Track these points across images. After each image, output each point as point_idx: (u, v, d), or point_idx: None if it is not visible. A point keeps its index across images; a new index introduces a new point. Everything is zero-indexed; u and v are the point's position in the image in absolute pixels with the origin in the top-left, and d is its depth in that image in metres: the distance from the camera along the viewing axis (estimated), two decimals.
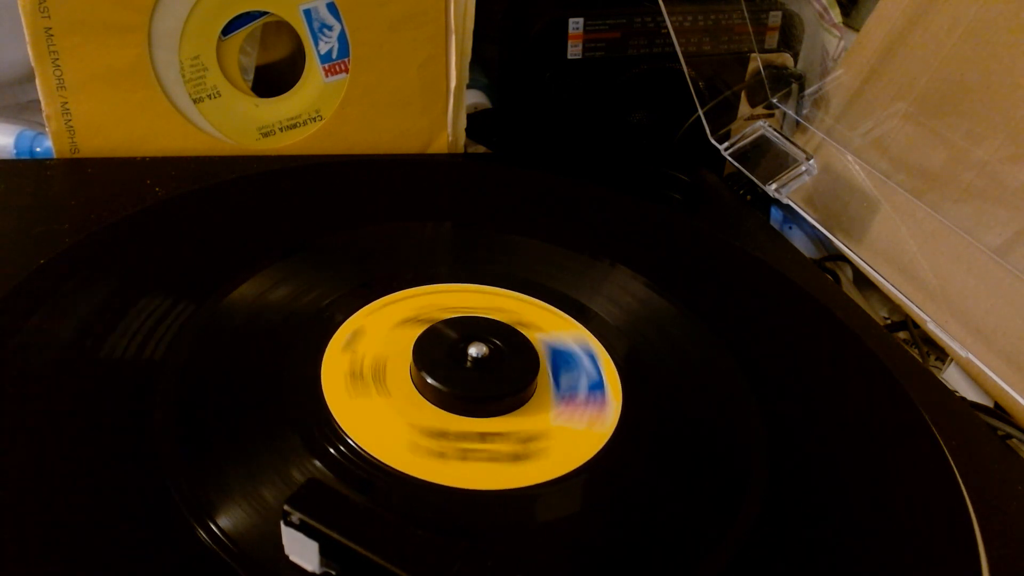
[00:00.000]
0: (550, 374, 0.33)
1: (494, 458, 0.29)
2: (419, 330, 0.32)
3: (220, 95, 0.46)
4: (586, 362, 0.34)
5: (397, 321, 0.34)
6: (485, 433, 0.30)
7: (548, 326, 0.35)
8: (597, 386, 0.32)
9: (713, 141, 0.51)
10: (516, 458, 0.29)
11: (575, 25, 0.52)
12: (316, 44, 0.47)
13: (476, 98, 0.57)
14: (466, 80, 0.49)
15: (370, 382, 0.31)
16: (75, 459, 0.26)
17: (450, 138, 0.50)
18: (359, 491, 0.27)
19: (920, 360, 0.44)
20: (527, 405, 0.31)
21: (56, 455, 0.26)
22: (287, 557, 0.23)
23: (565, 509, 0.28)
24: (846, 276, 0.53)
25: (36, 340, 0.30)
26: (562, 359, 0.33)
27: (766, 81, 0.53)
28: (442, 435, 0.29)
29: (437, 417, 0.30)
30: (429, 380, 0.30)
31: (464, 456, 0.29)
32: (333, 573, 0.23)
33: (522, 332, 0.33)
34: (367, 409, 0.30)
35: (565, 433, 0.30)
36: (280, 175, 0.44)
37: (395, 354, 0.32)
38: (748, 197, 0.54)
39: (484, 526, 0.27)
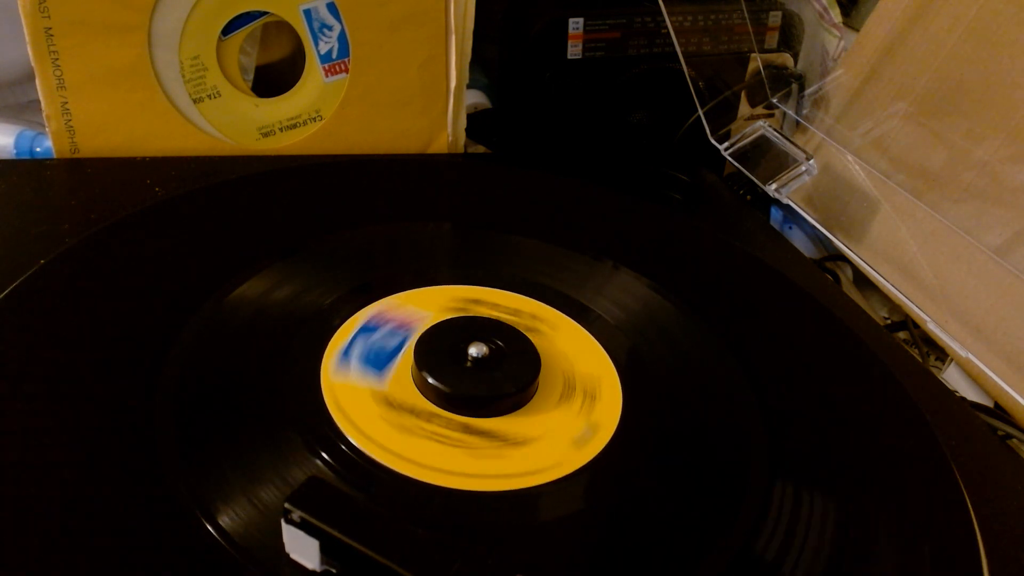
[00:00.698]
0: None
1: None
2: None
3: (220, 95, 0.46)
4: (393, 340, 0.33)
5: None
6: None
7: (575, 349, 0.35)
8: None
9: (713, 141, 0.51)
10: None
11: (575, 25, 0.52)
12: (316, 44, 0.47)
13: (476, 98, 0.57)
14: (466, 80, 0.49)
15: None
16: (75, 459, 0.26)
17: (450, 138, 0.50)
18: (359, 490, 0.27)
19: (920, 360, 0.44)
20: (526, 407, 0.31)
21: (56, 455, 0.26)
22: (288, 555, 0.23)
23: (565, 509, 0.28)
24: (846, 276, 0.53)
25: (36, 340, 0.30)
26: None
27: (766, 81, 0.53)
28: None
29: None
30: (430, 380, 0.30)
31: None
32: (333, 571, 0.23)
33: (522, 332, 0.33)
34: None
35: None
36: (280, 175, 0.44)
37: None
38: (748, 197, 0.54)
39: (484, 526, 0.27)
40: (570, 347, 0.34)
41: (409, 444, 0.28)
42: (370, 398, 0.30)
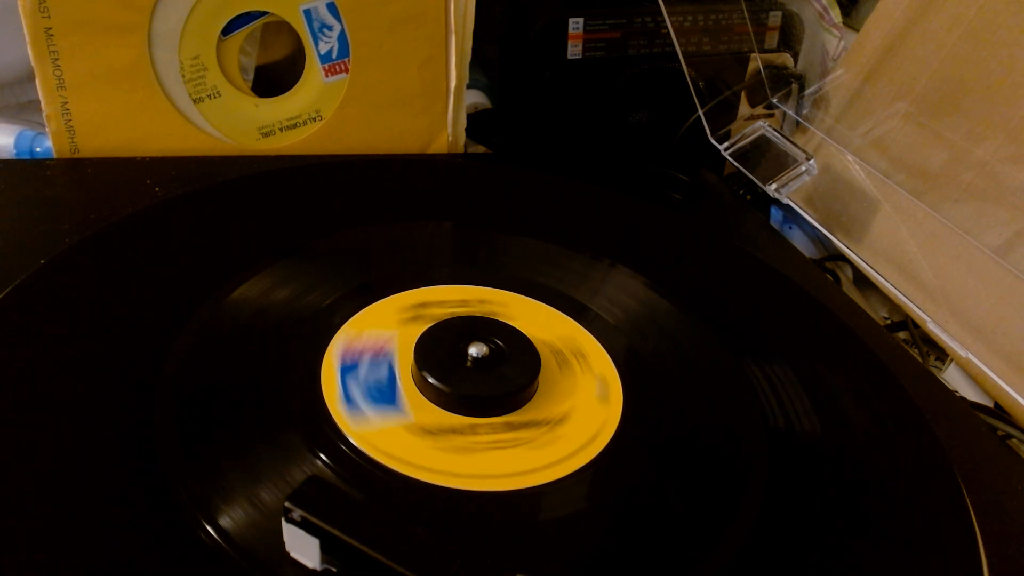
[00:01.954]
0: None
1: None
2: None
3: (220, 95, 0.46)
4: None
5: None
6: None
7: (538, 322, 0.35)
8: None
9: (713, 141, 0.51)
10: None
11: (575, 25, 0.52)
12: (316, 44, 0.47)
13: (476, 98, 0.57)
14: (466, 80, 0.49)
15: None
16: (76, 459, 0.26)
17: (450, 138, 0.50)
18: (359, 490, 0.27)
19: (920, 360, 0.44)
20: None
21: (56, 455, 0.26)
22: (288, 554, 0.23)
23: (565, 508, 0.28)
24: (846, 276, 0.53)
25: (36, 340, 0.30)
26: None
27: (766, 81, 0.53)
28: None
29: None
30: (430, 380, 0.30)
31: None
32: (334, 570, 0.23)
33: (522, 332, 0.33)
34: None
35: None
36: (280, 175, 0.44)
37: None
38: (748, 197, 0.54)
39: (484, 525, 0.27)
40: (530, 321, 0.35)
41: (477, 462, 0.29)
42: (407, 434, 0.29)
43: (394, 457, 0.28)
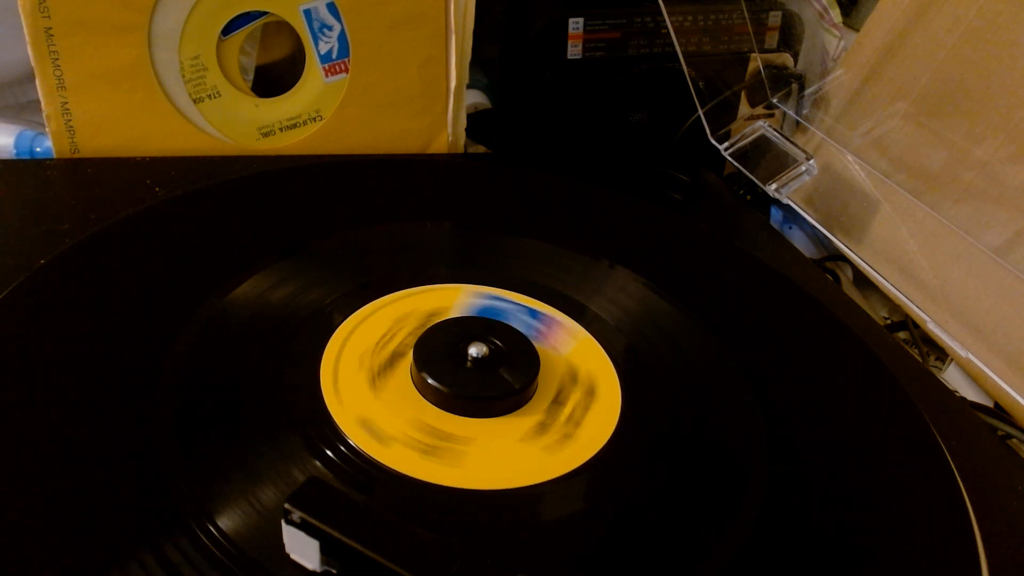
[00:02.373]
0: None
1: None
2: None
3: (220, 95, 0.46)
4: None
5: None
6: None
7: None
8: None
9: (713, 141, 0.51)
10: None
11: (575, 25, 0.52)
12: (316, 44, 0.47)
13: (476, 98, 0.57)
14: (466, 80, 0.49)
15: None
16: (76, 459, 0.26)
17: (450, 138, 0.50)
18: (359, 490, 0.27)
19: (920, 360, 0.44)
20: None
21: (56, 455, 0.26)
22: (288, 555, 0.23)
23: (565, 509, 0.28)
24: (846, 276, 0.53)
25: (36, 340, 0.30)
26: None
27: (766, 81, 0.53)
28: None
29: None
30: (429, 380, 0.30)
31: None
32: (334, 571, 0.23)
33: (527, 336, 0.33)
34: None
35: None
36: (280, 175, 0.44)
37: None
38: (748, 197, 0.54)
39: (484, 526, 0.27)
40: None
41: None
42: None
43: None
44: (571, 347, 0.34)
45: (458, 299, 0.36)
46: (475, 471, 0.28)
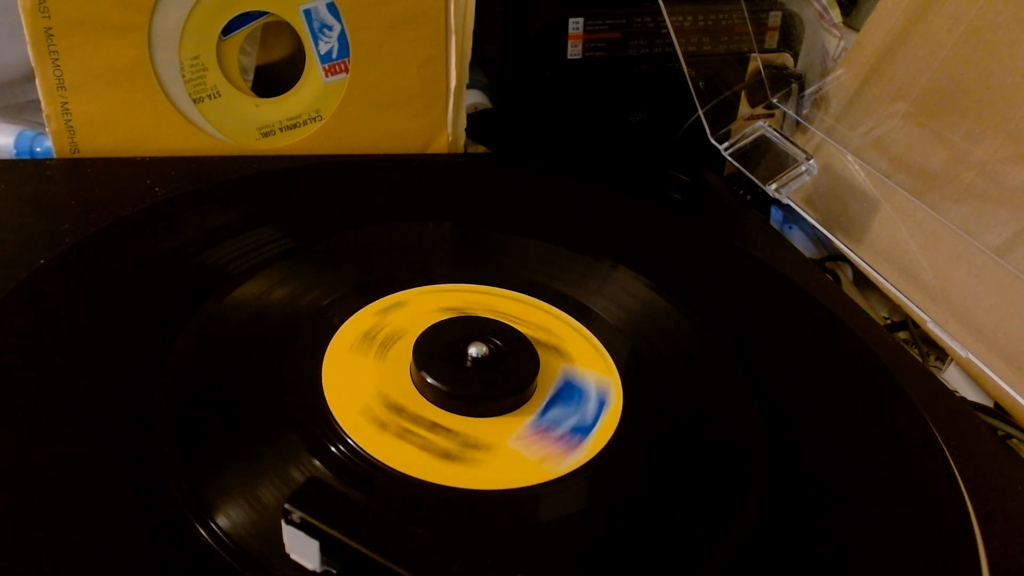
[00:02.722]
0: (545, 400, 0.32)
1: (426, 447, 0.29)
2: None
3: (220, 95, 0.46)
4: (591, 405, 0.32)
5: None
6: (435, 423, 0.30)
7: (569, 345, 0.35)
8: (582, 430, 0.31)
9: (713, 141, 0.51)
10: (447, 456, 0.29)
11: (575, 25, 0.52)
12: (316, 44, 0.47)
13: (476, 98, 0.57)
14: (466, 80, 0.49)
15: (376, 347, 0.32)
16: (76, 459, 0.26)
17: (450, 138, 0.50)
18: (359, 490, 0.27)
19: (920, 360, 0.44)
20: (507, 415, 0.31)
21: (57, 455, 0.26)
22: (288, 556, 0.23)
23: (565, 509, 0.28)
24: (846, 276, 0.53)
25: (36, 340, 0.30)
26: (568, 392, 0.32)
27: (766, 81, 0.53)
28: (397, 410, 0.30)
29: (402, 394, 0.31)
30: (429, 380, 0.30)
31: (402, 435, 0.29)
32: (334, 571, 0.23)
33: (521, 331, 0.33)
34: (354, 370, 0.31)
35: (512, 456, 0.29)
36: (280, 175, 0.44)
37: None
38: (748, 197, 0.54)
39: (484, 526, 0.27)
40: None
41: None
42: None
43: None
44: (534, 457, 0.30)
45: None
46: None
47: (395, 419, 0.29)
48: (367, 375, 0.31)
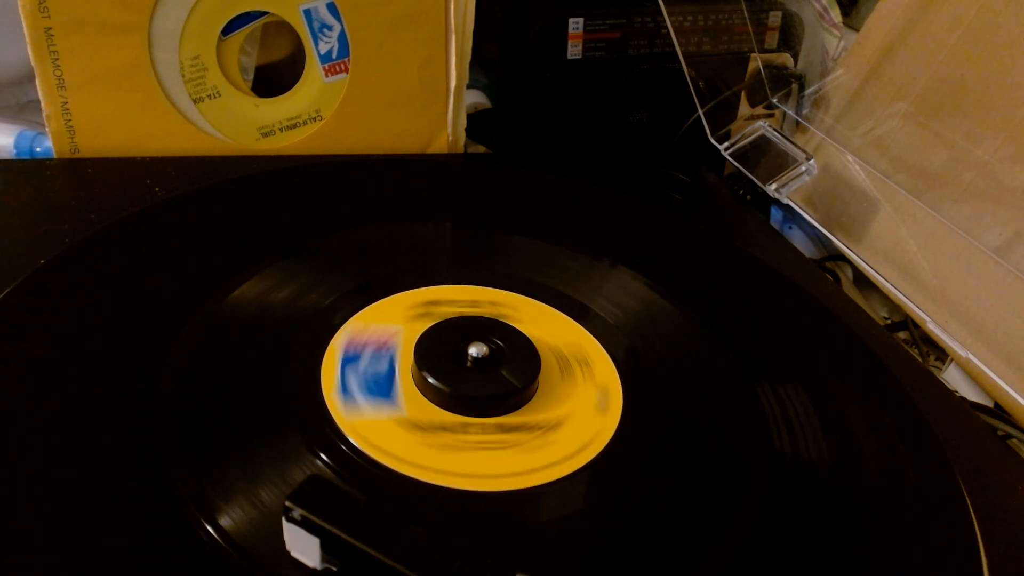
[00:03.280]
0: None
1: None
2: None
3: (220, 95, 0.46)
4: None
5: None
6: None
7: (546, 327, 0.35)
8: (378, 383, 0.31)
9: (713, 141, 0.51)
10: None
11: (575, 25, 0.52)
12: (316, 44, 0.47)
13: (476, 98, 0.57)
14: (466, 80, 0.49)
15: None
16: (76, 459, 0.26)
17: (450, 138, 0.50)
18: (360, 490, 0.27)
19: (920, 360, 0.44)
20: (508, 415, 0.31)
21: (56, 455, 0.26)
22: (288, 553, 0.23)
23: (565, 508, 0.28)
24: (846, 276, 0.53)
25: (36, 340, 0.30)
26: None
27: (766, 81, 0.53)
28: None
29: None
30: (430, 380, 0.30)
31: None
32: (334, 569, 0.23)
33: (522, 332, 0.33)
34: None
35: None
36: (280, 175, 0.44)
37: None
38: (748, 197, 0.54)
39: (484, 525, 0.27)
40: (540, 326, 0.35)
41: (460, 460, 0.28)
42: (397, 427, 0.29)
43: (389, 454, 0.28)
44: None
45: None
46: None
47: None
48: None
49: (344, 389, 0.30)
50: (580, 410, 0.31)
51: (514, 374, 0.31)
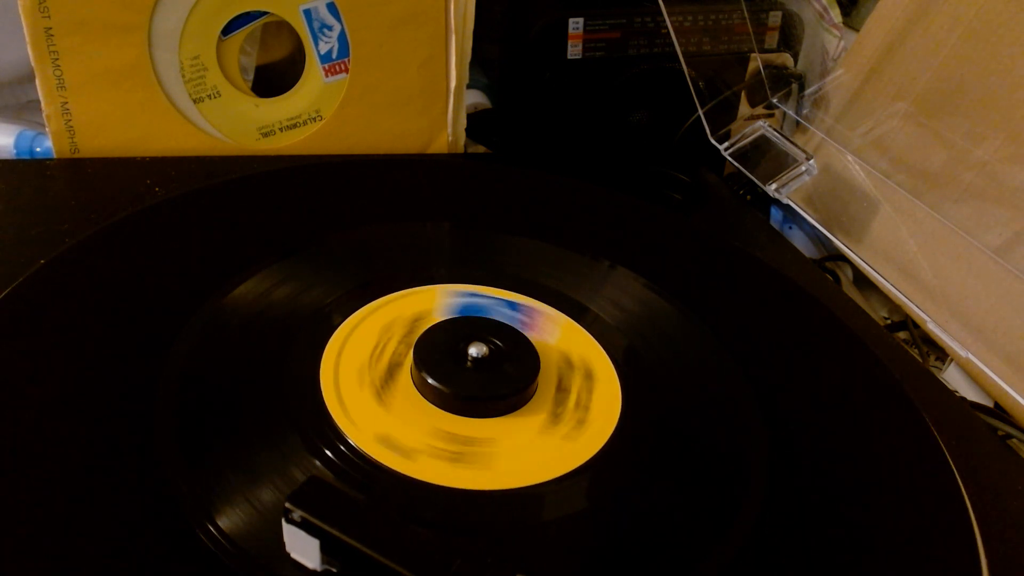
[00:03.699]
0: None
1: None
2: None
3: (220, 95, 0.46)
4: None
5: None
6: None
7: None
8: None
9: (713, 141, 0.51)
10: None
11: (575, 25, 0.52)
12: (316, 44, 0.47)
13: (476, 98, 0.57)
14: (466, 80, 0.49)
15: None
16: (76, 459, 0.26)
17: (450, 138, 0.50)
18: (359, 490, 0.27)
19: (920, 360, 0.44)
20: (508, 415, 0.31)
21: (56, 455, 0.26)
22: (288, 554, 0.23)
23: (565, 508, 0.28)
24: (846, 276, 0.53)
25: (36, 340, 0.30)
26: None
27: (766, 81, 0.53)
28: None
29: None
30: (430, 380, 0.30)
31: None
32: (334, 570, 0.23)
33: (522, 332, 0.33)
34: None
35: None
36: (280, 175, 0.44)
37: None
38: (748, 197, 0.54)
39: (484, 526, 0.27)
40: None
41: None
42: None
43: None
44: (557, 335, 0.35)
45: (437, 300, 0.36)
46: (474, 470, 0.28)
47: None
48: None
49: None
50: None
51: (514, 374, 0.31)
